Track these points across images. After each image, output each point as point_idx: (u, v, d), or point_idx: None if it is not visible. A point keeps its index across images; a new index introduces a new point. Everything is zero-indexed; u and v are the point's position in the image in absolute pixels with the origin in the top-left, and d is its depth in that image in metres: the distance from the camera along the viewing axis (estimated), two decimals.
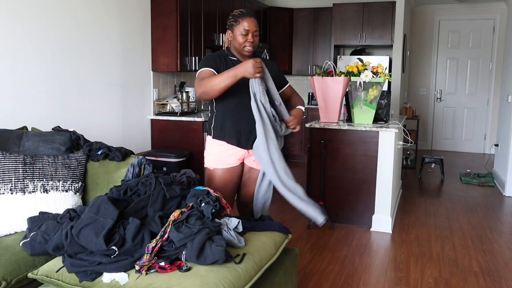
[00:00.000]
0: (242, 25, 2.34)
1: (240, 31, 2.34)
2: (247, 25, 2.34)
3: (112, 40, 4.07)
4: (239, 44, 2.37)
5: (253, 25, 2.35)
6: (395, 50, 6.54)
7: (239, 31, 2.35)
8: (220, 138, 2.45)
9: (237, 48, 2.39)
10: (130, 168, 2.54)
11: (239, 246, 1.86)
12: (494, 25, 7.74)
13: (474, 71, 7.99)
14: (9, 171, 2.26)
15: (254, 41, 2.36)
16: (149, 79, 4.70)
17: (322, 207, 3.90)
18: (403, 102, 7.35)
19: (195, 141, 4.55)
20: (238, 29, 2.36)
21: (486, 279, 2.96)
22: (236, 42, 2.37)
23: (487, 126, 8.00)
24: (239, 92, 2.36)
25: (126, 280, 1.60)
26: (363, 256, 3.31)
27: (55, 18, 3.41)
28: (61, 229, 1.79)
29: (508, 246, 3.57)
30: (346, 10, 6.53)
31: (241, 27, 2.34)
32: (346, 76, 3.83)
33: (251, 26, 2.34)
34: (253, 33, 2.35)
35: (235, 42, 2.38)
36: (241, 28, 2.34)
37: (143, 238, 1.72)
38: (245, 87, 2.34)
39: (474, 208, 4.60)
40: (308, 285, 2.84)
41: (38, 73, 3.29)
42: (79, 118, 3.73)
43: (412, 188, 5.47)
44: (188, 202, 1.98)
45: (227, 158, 2.45)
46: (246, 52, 2.38)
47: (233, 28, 2.38)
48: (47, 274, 1.71)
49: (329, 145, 3.95)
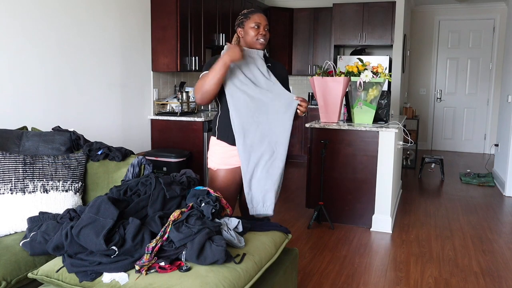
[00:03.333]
0: (253, 19, 2.38)
1: (252, 25, 2.38)
2: (258, 19, 2.38)
3: (112, 40, 4.07)
4: (251, 38, 2.39)
5: (263, 19, 2.40)
6: (395, 50, 6.54)
7: (250, 25, 2.38)
8: (224, 139, 2.45)
9: (250, 42, 2.40)
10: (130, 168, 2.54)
11: (239, 246, 1.85)
12: (494, 25, 7.74)
13: (474, 71, 7.99)
14: (9, 171, 2.26)
15: (266, 34, 2.40)
16: (149, 79, 4.70)
17: (322, 207, 3.90)
18: (403, 102, 7.35)
19: (195, 141, 4.55)
20: (249, 24, 2.38)
21: (486, 279, 2.96)
22: (249, 36, 2.39)
23: (487, 126, 8.00)
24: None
25: (126, 280, 1.60)
26: (363, 256, 3.31)
27: (55, 18, 3.41)
28: (61, 229, 1.79)
29: (508, 246, 3.57)
30: (346, 10, 6.53)
31: (252, 21, 2.38)
32: (346, 76, 3.83)
33: (262, 20, 2.39)
34: (264, 27, 2.39)
35: (248, 37, 2.40)
36: (252, 23, 2.38)
37: (143, 238, 1.72)
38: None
39: (474, 208, 4.60)
40: (308, 285, 2.84)
41: (38, 73, 3.29)
42: (79, 118, 3.73)
43: (412, 188, 5.47)
44: (188, 202, 1.98)
45: (230, 158, 2.45)
46: (259, 45, 2.40)
47: (244, 24, 2.41)
48: (47, 274, 1.71)
49: (329, 145, 3.95)
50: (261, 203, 2.39)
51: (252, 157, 2.36)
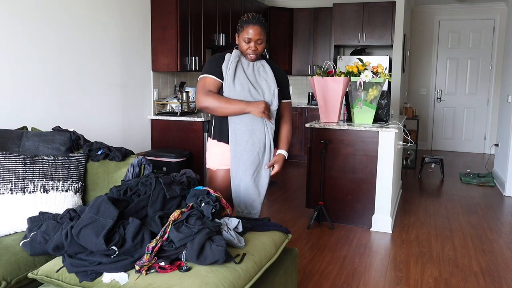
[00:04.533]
0: (246, 32, 2.33)
1: (244, 38, 2.35)
2: (251, 33, 2.32)
3: (112, 40, 4.07)
4: (242, 50, 2.39)
5: (256, 33, 2.32)
6: (395, 50, 6.54)
7: (243, 37, 2.36)
8: (219, 140, 2.46)
9: (242, 51, 2.40)
10: (130, 168, 2.54)
11: (239, 246, 1.85)
12: (494, 25, 7.74)
13: (474, 71, 7.99)
14: (9, 171, 2.26)
15: (256, 49, 2.36)
16: (149, 79, 4.70)
17: (322, 207, 3.90)
18: (403, 102, 7.35)
19: (195, 141, 4.55)
20: (242, 35, 2.36)
21: (486, 279, 2.96)
22: (240, 47, 2.39)
23: (487, 126, 8.00)
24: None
25: (126, 280, 1.60)
26: (363, 256, 3.31)
27: (55, 18, 3.41)
28: (61, 229, 1.79)
29: (508, 246, 3.57)
30: (346, 10, 6.53)
31: (245, 34, 2.34)
32: (346, 76, 3.83)
33: (254, 34, 2.32)
34: (256, 41, 2.34)
35: (240, 47, 2.40)
36: (244, 35, 2.34)
37: (143, 238, 1.72)
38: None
39: (474, 208, 4.60)
40: (308, 285, 2.84)
41: (38, 73, 3.29)
42: (79, 118, 3.73)
43: (412, 188, 5.47)
44: (188, 202, 1.98)
45: (227, 159, 2.46)
46: (248, 59, 2.40)
47: (239, 32, 2.39)
48: (47, 274, 1.71)
49: (329, 145, 3.95)
50: (247, 210, 2.46)
51: (241, 165, 2.40)
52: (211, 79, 2.37)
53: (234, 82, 2.34)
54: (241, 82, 2.34)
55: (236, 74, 2.35)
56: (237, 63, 2.38)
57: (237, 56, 2.40)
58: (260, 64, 2.44)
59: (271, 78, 2.40)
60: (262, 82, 2.40)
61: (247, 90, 2.35)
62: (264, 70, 2.43)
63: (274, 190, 5.21)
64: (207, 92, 2.33)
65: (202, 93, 2.34)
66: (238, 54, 2.41)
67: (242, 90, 2.34)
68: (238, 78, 2.35)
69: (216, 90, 2.37)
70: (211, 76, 2.37)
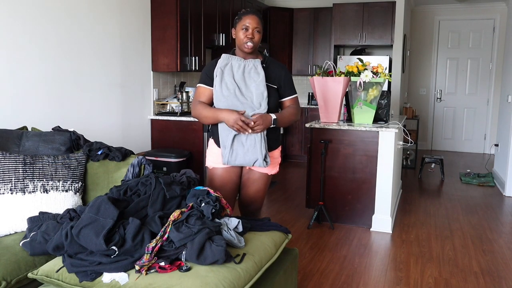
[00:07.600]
0: (243, 21, 2.37)
1: (241, 26, 2.37)
2: (248, 21, 2.35)
3: (112, 40, 4.07)
4: (240, 40, 2.39)
5: (254, 21, 2.36)
6: (395, 50, 6.54)
7: (240, 27, 2.37)
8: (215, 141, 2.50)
9: (239, 45, 2.41)
10: (130, 168, 2.54)
11: (239, 246, 1.86)
12: (494, 25, 7.74)
13: (474, 71, 7.99)
14: (9, 171, 2.26)
15: (254, 37, 2.37)
16: (149, 79, 4.70)
17: (322, 207, 3.90)
18: (403, 102, 7.35)
19: (195, 141, 4.55)
20: (239, 25, 2.38)
21: (486, 279, 2.96)
22: (238, 38, 2.40)
23: (487, 126, 7.99)
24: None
25: (126, 280, 1.60)
26: (363, 256, 3.31)
27: (55, 18, 3.41)
28: (61, 229, 1.79)
29: (508, 246, 3.57)
30: (346, 10, 6.53)
31: (243, 22, 2.37)
32: (346, 76, 3.83)
33: (252, 22, 2.36)
34: (253, 29, 2.36)
35: (237, 39, 2.40)
36: (242, 24, 2.37)
37: (143, 238, 1.72)
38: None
39: (474, 208, 4.60)
40: (308, 285, 2.84)
41: (38, 73, 3.29)
42: (79, 118, 3.73)
43: (412, 188, 5.47)
44: (188, 202, 1.98)
45: None
46: (246, 48, 2.38)
47: (236, 25, 2.41)
48: (47, 274, 1.71)
49: (329, 145, 3.95)
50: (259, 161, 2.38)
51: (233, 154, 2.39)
52: (203, 88, 2.47)
53: (222, 88, 2.37)
54: (227, 87, 2.36)
55: (223, 79, 2.37)
56: (225, 67, 2.39)
57: (226, 59, 2.42)
58: (253, 65, 2.41)
59: (261, 80, 2.37)
60: (251, 84, 2.37)
61: (234, 95, 2.35)
62: (256, 72, 2.39)
63: (274, 190, 5.22)
64: (196, 103, 2.45)
65: (193, 104, 2.48)
66: (227, 57, 2.42)
67: (229, 95, 2.35)
68: (224, 83, 2.37)
69: (209, 98, 2.46)
70: (203, 85, 2.47)
